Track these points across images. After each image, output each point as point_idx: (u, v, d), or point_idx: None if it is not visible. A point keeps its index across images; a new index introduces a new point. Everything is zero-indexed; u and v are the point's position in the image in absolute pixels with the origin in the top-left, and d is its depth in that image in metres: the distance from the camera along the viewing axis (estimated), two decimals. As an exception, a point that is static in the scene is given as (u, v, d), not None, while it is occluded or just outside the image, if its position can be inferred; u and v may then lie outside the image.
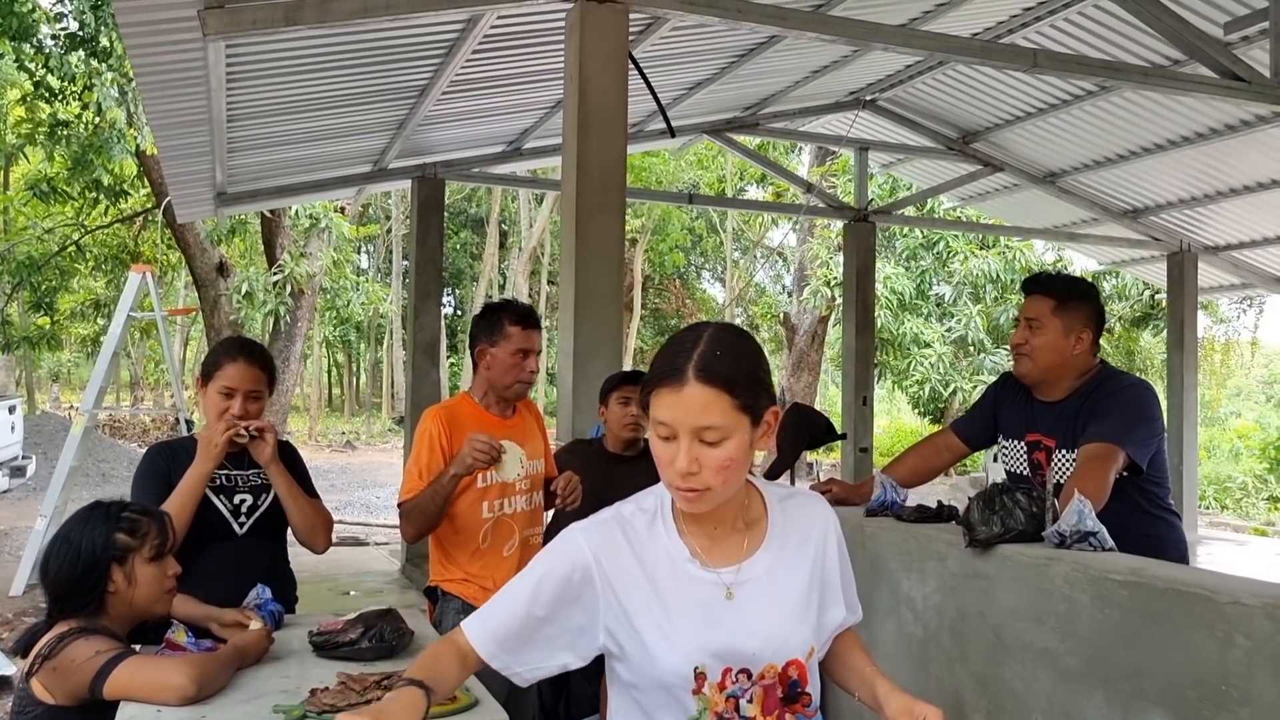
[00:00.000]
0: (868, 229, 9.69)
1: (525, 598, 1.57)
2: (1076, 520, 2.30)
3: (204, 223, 12.28)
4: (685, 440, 1.46)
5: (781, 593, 1.60)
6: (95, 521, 2.29)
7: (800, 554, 1.64)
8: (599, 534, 1.59)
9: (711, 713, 1.55)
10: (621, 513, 1.63)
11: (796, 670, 1.59)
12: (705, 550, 1.59)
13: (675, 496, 1.54)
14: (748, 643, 1.55)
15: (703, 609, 1.55)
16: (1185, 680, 1.96)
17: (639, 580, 1.56)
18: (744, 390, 1.47)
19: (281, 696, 2.10)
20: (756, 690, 1.57)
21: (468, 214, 28.71)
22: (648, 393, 1.51)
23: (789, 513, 1.66)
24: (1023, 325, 2.97)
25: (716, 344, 1.49)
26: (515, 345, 3.14)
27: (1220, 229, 10.04)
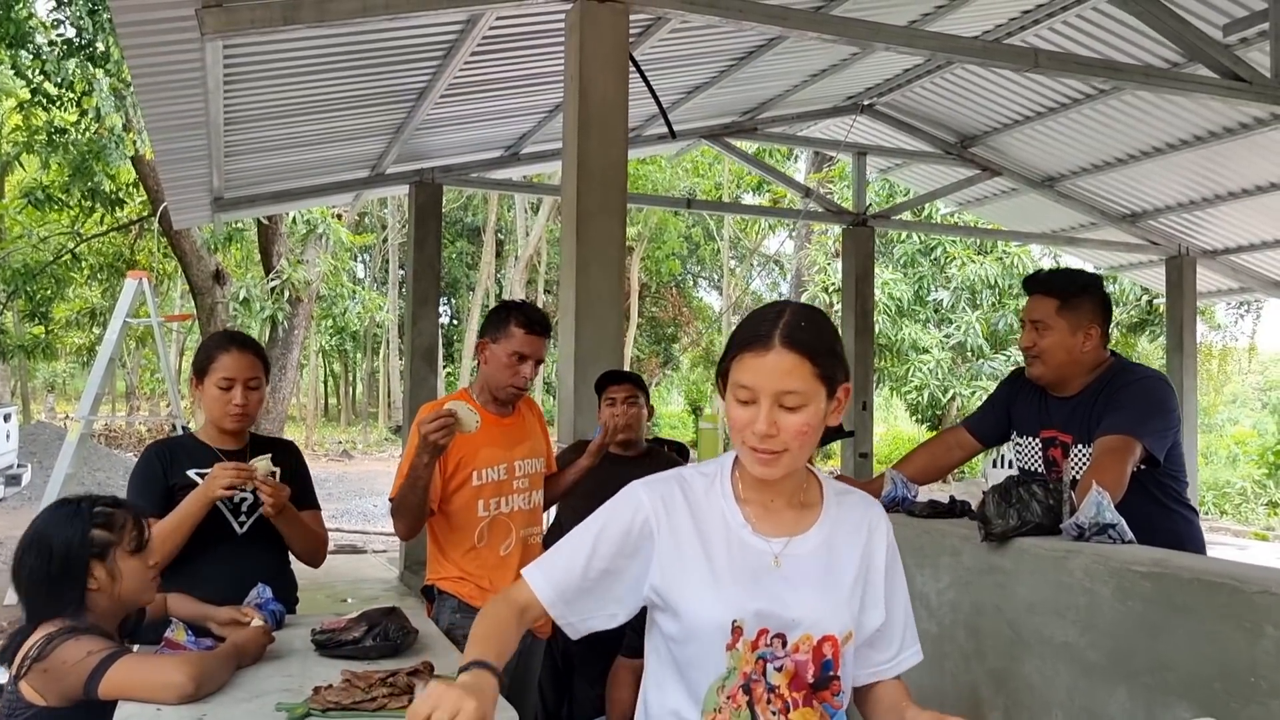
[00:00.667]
0: (866, 233, 9.67)
1: (587, 549, 1.62)
2: (1095, 512, 2.25)
3: (200, 230, 12.24)
4: (766, 404, 1.52)
5: (826, 574, 1.63)
6: (67, 520, 2.21)
7: (849, 546, 1.66)
8: (659, 489, 1.65)
9: (740, 673, 1.58)
10: (682, 473, 1.70)
11: (831, 649, 1.60)
12: (758, 519, 1.64)
13: (749, 460, 1.57)
14: (787, 610, 1.59)
15: (750, 572, 1.60)
16: (1212, 673, 1.91)
17: (692, 536, 1.62)
18: (824, 360, 1.53)
19: (284, 695, 2.05)
20: (788, 663, 1.59)
21: (464, 223, 28.68)
22: (729, 359, 1.57)
23: (844, 506, 1.69)
24: (1029, 328, 2.92)
25: (800, 316, 1.56)
26: (514, 347, 3.09)
27: (1219, 233, 10.03)
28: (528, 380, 3.13)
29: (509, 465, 3.16)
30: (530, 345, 3.11)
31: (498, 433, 3.15)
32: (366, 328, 26.92)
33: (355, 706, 1.95)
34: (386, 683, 2.03)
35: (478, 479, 3.08)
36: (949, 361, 17.69)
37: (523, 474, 3.20)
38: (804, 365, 1.51)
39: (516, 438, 3.22)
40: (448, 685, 1.35)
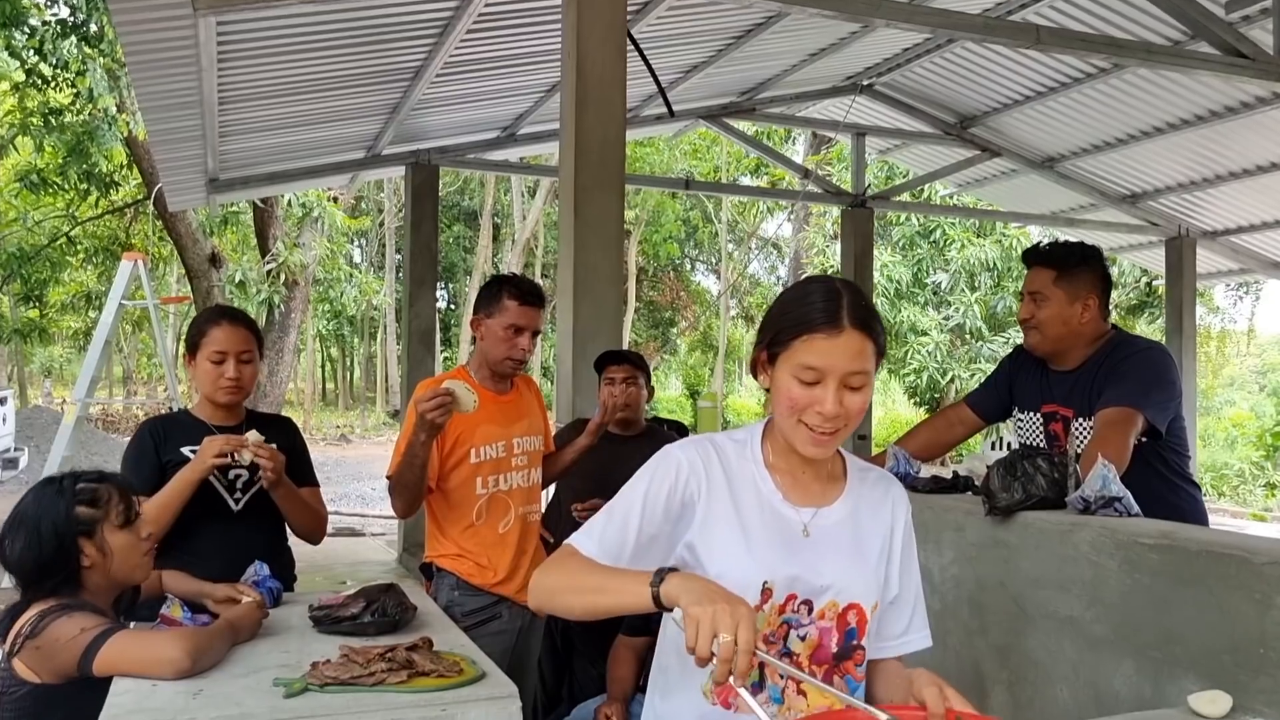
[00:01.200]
0: (865, 214, 9.63)
1: (636, 516, 1.60)
2: (1101, 485, 2.23)
3: (196, 213, 12.17)
4: (833, 384, 1.51)
5: (853, 545, 1.64)
6: (50, 498, 2.17)
7: (873, 520, 1.67)
8: (695, 450, 1.65)
9: (761, 634, 1.56)
10: (713, 438, 1.70)
11: (856, 617, 1.61)
12: (787, 488, 1.64)
13: (803, 439, 1.56)
14: (819, 577, 1.59)
15: (781, 537, 1.61)
16: (1221, 645, 1.89)
17: (726, 498, 1.62)
18: (882, 337, 1.56)
19: (282, 670, 2.02)
20: (812, 630, 1.59)
21: (460, 207, 28.59)
22: (789, 339, 1.54)
23: (867, 482, 1.70)
24: (1027, 299, 2.91)
25: (859, 295, 1.56)
26: (509, 320, 3.07)
27: (1219, 213, 9.99)
28: (525, 352, 3.11)
29: (507, 443, 3.13)
30: (525, 316, 3.08)
31: (496, 410, 3.13)
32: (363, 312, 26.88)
33: (353, 681, 1.92)
34: (385, 658, 2.00)
35: (476, 456, 3.06)
36: (947, 344, 17.67)
37: (521, 451, 3.17)
38: (869, 346, 1.52)
39: (515, 415, 3.19)
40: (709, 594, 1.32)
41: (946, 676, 2.59)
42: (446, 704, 1.89)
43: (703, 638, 1.27)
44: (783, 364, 1.55)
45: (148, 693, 1.88)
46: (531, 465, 3.22)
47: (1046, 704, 2.28)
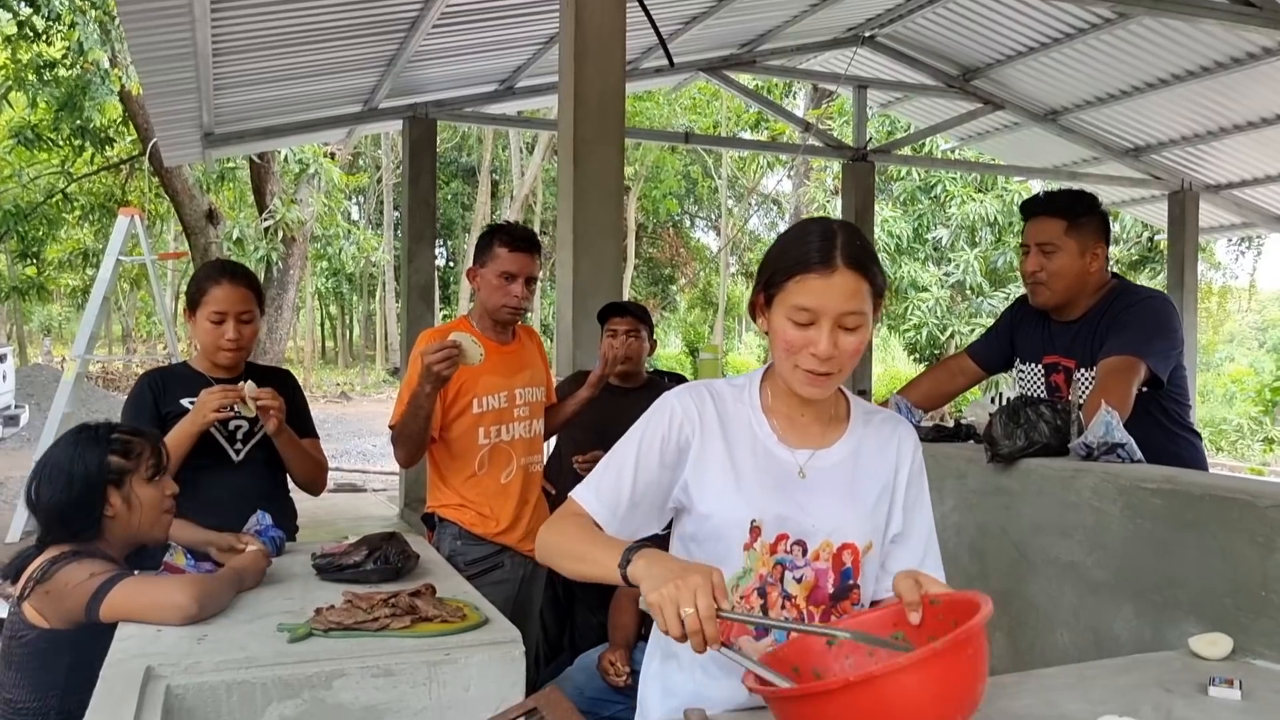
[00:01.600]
0: (866, 169, 9.55)
1: (631, 464, 1.62)
2: (1104, 432, 2.23)
3: (192, 169, 12.08)
4: (827, 325, 1.50)
5: (850, 486, 1.63)
6: (86, 445, 2.20)
7: (875, 462, 1.65)
8: (690, 396, 1.66)
9: (756, 574, 1.60)
10: (712, 384, 1.71)
11: (851, 557, 1.61)
12: (784, 430, 1.64)
13: (800, 381, 1.55)
14: (808, 516, 1.60)
15: (773, 478, 1.61)
16: (1222, 588, 1.90)
17: (719, 441, 1.63)
18: (879, 277, 1.54)
19: (286, 616, 2.03)
20: (808, 572, 1.60)
21: (458, 163, 28.36)
22: (784, 280, 1.53)
23: (871, 424, 1.69)
24: (1034, 252, 2.83)
25: (854, 234, 1.55)
26: (501, 266, 3.06)
27: (1222, 167, 9.92)
28: (519, 299, 3.09)
29: (509, 393, 3.13)
30: (516, 262, 3.07)
31: (498, 360, 3.12)
32: (362, 269, 26.80)
33: (357, 626, 1.93)
34: (388, 603, 2.01)
35: (478, 406, 3.07)
36: (947, 300, 17.63)
37: (523, 402, 3.18)
38: (864, 285, 1.51)
39: (517, 365, 3.20)
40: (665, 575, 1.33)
41: (947, 623, 2.61)
42: (450, 649, 1.90)
43: (669, 620, 1.29)
44: (778, 305, 1.54)
45: (153, 637, 1.89)
46: (533, 416, 3.23)
47: (1047, 648, 2.29)
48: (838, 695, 1.16)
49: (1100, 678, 1.73)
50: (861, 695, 1.15)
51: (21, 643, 2.08)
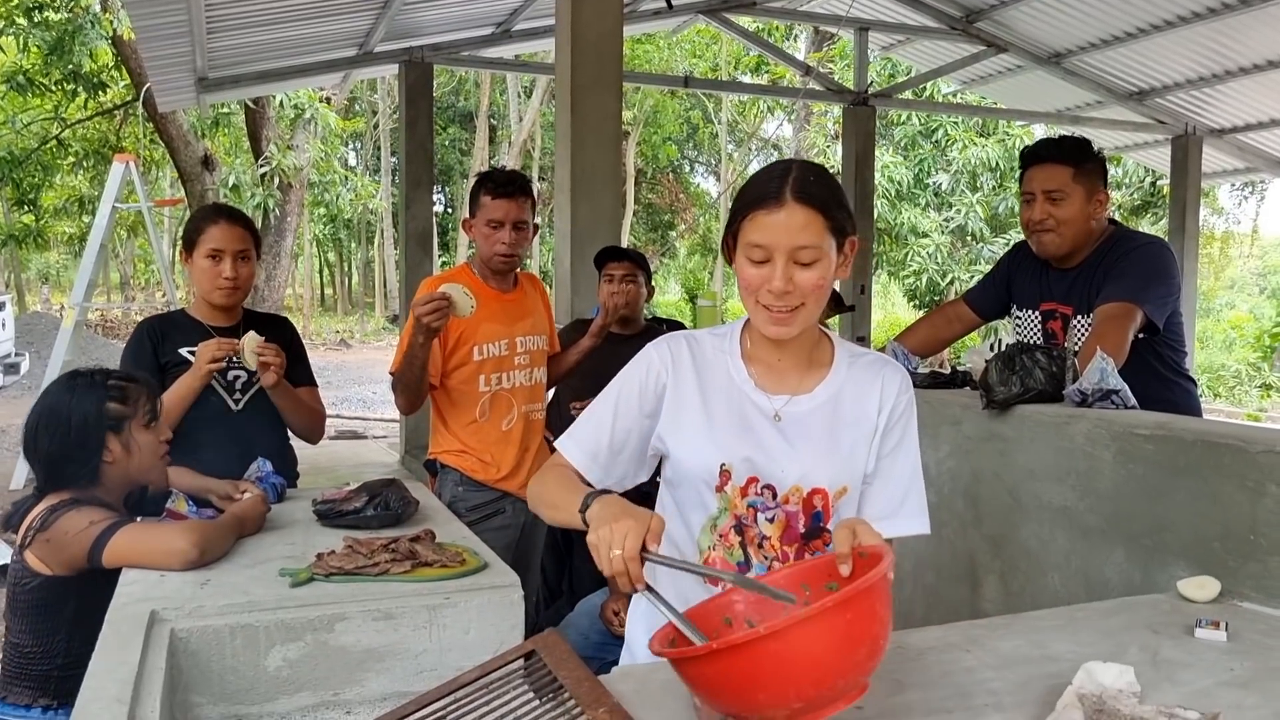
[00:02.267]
0: (867, 113, 9.46)
1: (610, 413, 1.67)
2: (1099, 378, 2.24)
3: (186, 114, 11.95)
4: (781, 260, 1.51)
5: (827, 431, 1.63)
6: (83, 391, 2.20)
7: (859, 405, 1.65)
8: (669, 346, 1.69)
9: (731, 514, 1.64)
10: (694, 334, 1.74)
11: (821, 501, 1.63)
12: (762, 377, 1.65)
13: (762, 319, 1.56)
14: (778, 463, 1.61)
15: (745, 423, 1.63)
16: (1212, 532, 1.92)
17: (694, 389, 1.66)
18: (835, 213, 1.53)
19: (287, 561, 2.06)
20: (779, 513, 1.63)
21: (455, 108, 28.06)
22: (740, 219, 1.55)
23: (857, 366, 1.68)
24: (1040, 199, 2.79)
25: (809, 170, 1.55)
26: (487, 215, 3.07)
27: (1227, 111, 9.82)
28: (508, 246, 3.08)
29: (510, 341, 3.15)
30: (501, 209, 3.06)
31: (498, 308, 3.14)
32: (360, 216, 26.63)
33: (358, 571, 1.95)
34: (389, 549, 2.04)
35: (479, 354, 3.09)
36: (948, 246, 17.56)
37: (524, 350, 3.19)
38: (816, 219, 1.50)
39: (518, 313, 3.20)
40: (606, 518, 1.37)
41: (940, 567, 2.66)
42: (449, 593, 1.93)
43: (601, 560, 1.34)
44: (739, 246, 1.56)
45: (156, 582, 1.92)
46: (534, 364, 3.24)
47: (1038, 592, 2.32)
48: (708, 659, 1.16)
49: (1089, 620, 1.75)
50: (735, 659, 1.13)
51: (25, 590, 2.10)
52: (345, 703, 1.84)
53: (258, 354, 2.69)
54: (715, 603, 1.40)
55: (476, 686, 1.48)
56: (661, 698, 1.39)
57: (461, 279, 3.08)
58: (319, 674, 1.82)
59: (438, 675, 1.80)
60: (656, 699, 1.39)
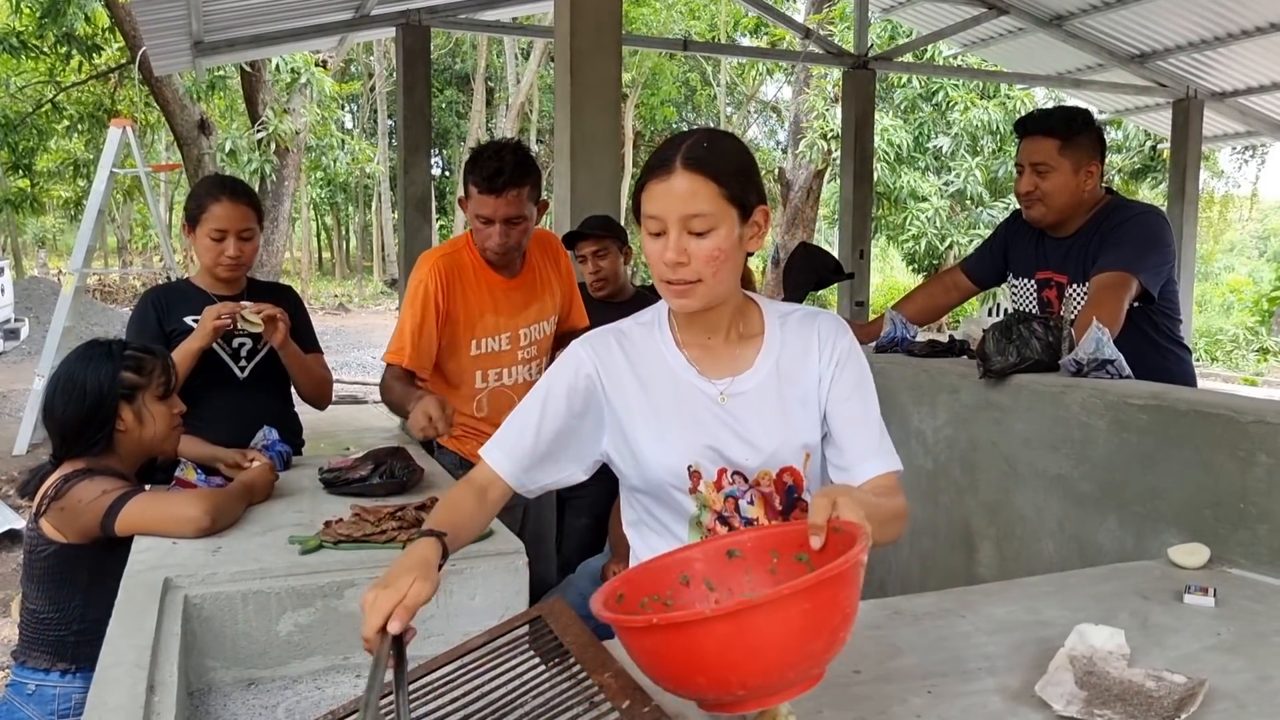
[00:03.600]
0: (867, 76, 9.41)
1: (535, 414, 1.61)
2: (1094, 348, 2.27)
3: (182, 78, 11.87)
4: (674, 231, 1.47)
5: (775, 405, 1.59)
6: (99, 360, 2.24)
7: (799, 366, 1.61)
8: (596, 343, 1.63)
9: (711, 512, 1.60)
10: (619, 326, 1.66)
11: (792, 477, 1.61)
12: (700, 361, 1.61)
13: (667, 295, 1.54)
14: (738, 448, 1.58)
15: (694, 414, 1.59)
16: (1203, 500, 1.96)
17: (633, 388, 1.60)
18: (731, 180, 1.48)
19: (296, 529, 2.10)
20: (756, 494, 1.61)
21: (452, 70, 27.83)
22: (639, 191, 1.52)
23: (790, 328, 1.63)
24: (1028, 171, 2.82)
25: (705, 138, 1.51)
26: (474, 209, 2.73)
27: (1229, 74, 9.77)
28: (500, 243, 2.72)
29: (513, 334, 2.90)
30: (489, 206, 2.68)
31: (501, 296, 2.86)
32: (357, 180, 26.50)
33: (365, 538, 1.99)
34: (395, 516, 2.08)
35: (475, 349, 2.86)
36: (947, 210, 17.51)
37: (529, 342, 2.94)
38: (708, 186, 1.45)
39: (522, 301, 2.91)
40: (391, 573, 1.32)
41: (937, 533, 2.70)
42: (455, 559, 1.93)
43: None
44: (641, 219, 1.52)
45: (169, 550, 1.96)
46: (541, 354, 2.97)
47: (1032, 558, 2.37)
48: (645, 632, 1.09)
49: (1081, 586, 1.80)
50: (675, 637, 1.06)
51: (41, 557, 2.15)
52: (355, 666, 1.88)
53: (258, 312, 2.71)
54: (674, 558, 1.32)
55: (483, 652, 1.51)
56: (665, 662, 1.43)
57: (464, 258, 2.84)
58: (329, 639, 1.87)
59: (445, 640, 1.84)
60: (660, 664, 1.42)
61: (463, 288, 2.80)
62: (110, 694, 1.33)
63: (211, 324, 2.68)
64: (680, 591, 1.28)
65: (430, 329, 2.76)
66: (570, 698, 1.31)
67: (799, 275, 3.57)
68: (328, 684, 1.85)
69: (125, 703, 1.31)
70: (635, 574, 1.30)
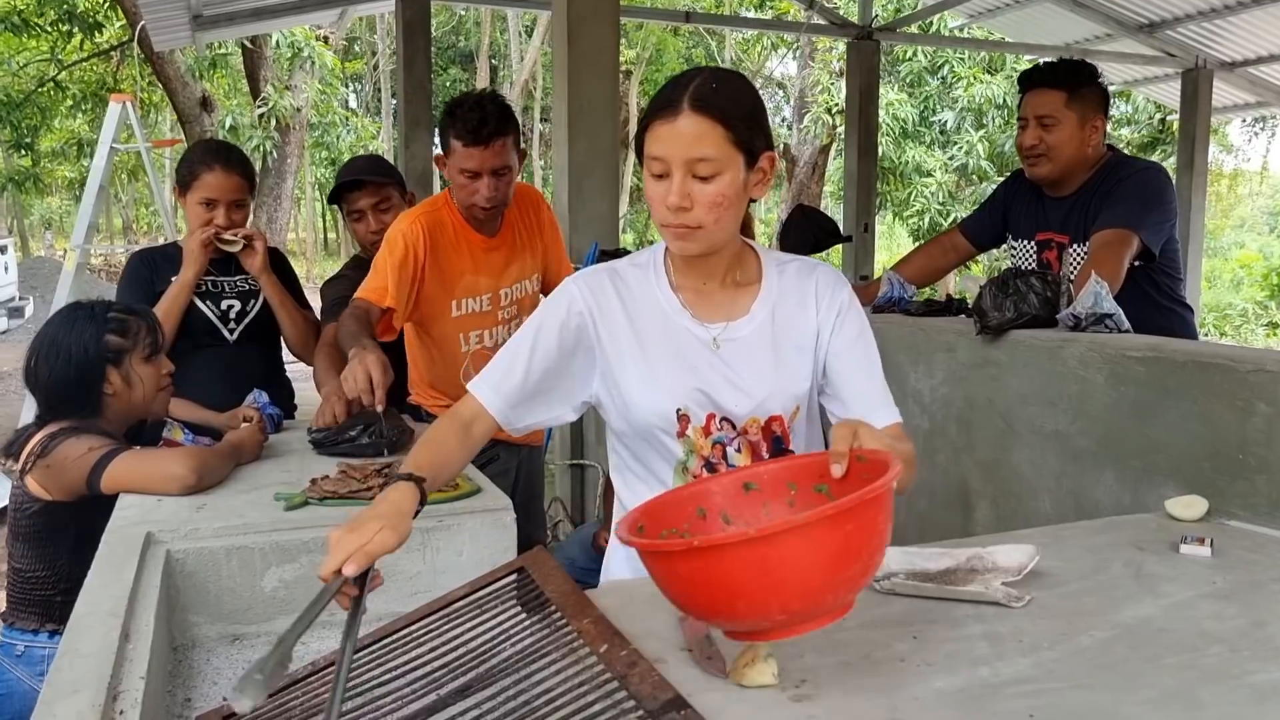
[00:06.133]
0: (872, 48, 9.32)
1: (526, 351, 1.59)
2: (1093, 302, 2.23)
3: (184, 55, 11.82)
4: (678, 174, 1.44)
5: (767, 352, 1.58)
6: (82, 323, 2.22)
7: (795, 316, 1.59)
8: (590, 282, 1.62)
9: (699, 458, 1.59)
10: (614, 266, 1.65)
11: (780, 427, 1.60)
12: (694, 305, 1.59)
13: (666, 237, 1.52)
14: (729, 394, 1.57)
15: (686, 357, 1.58)
16: (1201, 452, 1.93)
17: (625, 328, 1.59)
18: (739, 124, 1.44)
19: (282, 487, 2.08)
20: (743, 442, 1.59)
21: (456, 49, 27.69)
22: (641, 132, 1.49)
23: (785, 276, 1.62)
24: (1032, 125, 2.77)
25: (713, 79, 1.46)
26: (458, 163, 2.65)
27: (1239, 43, 9.65)
28: (487, 198, 2.67)
29: (494, 294, 2.86)
30: (475, 159, 2.61)
31: (481, 256, 2.82)
32: (361, 159, 26.41)
33: (351, 495, 1.98)
34: (382, 473, 2.06)
35: (457, 309, 2.82)
36: (952, 184, 17.40)
37: (510, 302, 2.89)
38: (715, 130, 1.42)
39: (503, 261, 2.86)
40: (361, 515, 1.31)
41: (933, 493, 2.68)
42: (442, 516, 1.95)
43: None
44: (644, 161, 1.48)
45: (153, 506, 1.94)
46: (523, 313, 2.87)
47: (1029, 514, 2.34)
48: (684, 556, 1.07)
49: (1076, 538, 1.76)
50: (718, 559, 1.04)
51: (27, 515, 2.13)
52: (340, 623, 1.84)
53: (235, 234, 2.71)
54: (690, 490, 1.31)
55: (466, 602, 1.50)
56: (646, 611, 1.40)
57: (445, 217, 2.77)
58: (314, 594, 1.84)
59: (431, 596, 1.81)
60: (642, 612, 1.40)
61: (443, 245, 2.75)
62: (83, 641, 1.32)
63: (198, 244, 2.69)
64: (697, 524, 1.27)
65: (409, 274, 2.67)
66: (548, 644, 1.29)
67: (796, 237, 3.53)
68: (313, 639, 1.83)
69: (98, 648, 1.29)
70: (651, 506, 1.28)
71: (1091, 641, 1.30)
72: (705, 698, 1.12)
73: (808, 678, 1.19)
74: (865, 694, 1.15)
